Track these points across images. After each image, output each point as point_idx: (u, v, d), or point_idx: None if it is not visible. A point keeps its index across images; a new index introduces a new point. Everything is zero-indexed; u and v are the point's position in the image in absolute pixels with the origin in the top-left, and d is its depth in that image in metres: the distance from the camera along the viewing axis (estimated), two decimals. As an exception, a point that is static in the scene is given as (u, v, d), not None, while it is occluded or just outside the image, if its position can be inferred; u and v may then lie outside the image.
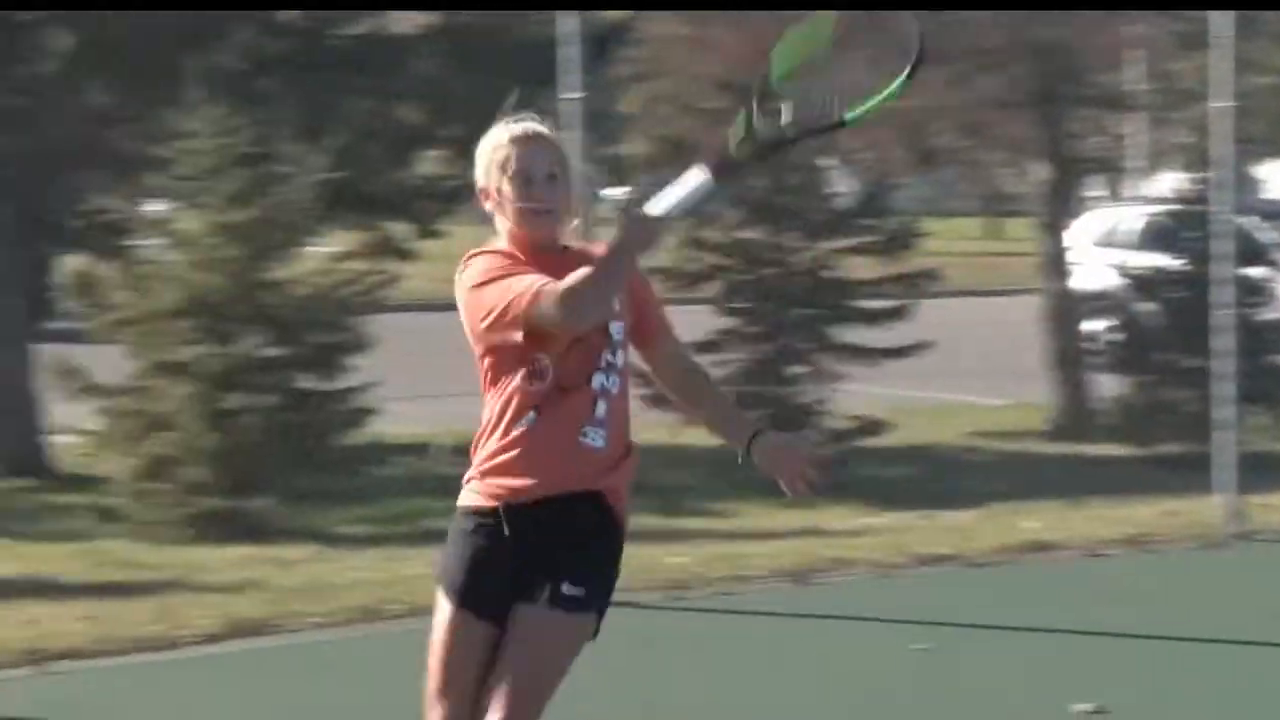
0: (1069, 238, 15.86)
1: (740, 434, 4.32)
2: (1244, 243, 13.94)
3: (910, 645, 7.65)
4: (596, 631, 4.19)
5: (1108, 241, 19.10)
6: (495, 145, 4.28)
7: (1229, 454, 10.20)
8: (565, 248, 4.28)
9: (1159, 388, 12.91)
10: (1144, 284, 13.69)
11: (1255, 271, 13.54)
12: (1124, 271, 14.19)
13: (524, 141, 4.26)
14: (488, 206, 4.29)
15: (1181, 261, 13.31)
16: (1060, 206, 15.25)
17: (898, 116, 15.22)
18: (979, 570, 9.28)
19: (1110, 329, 13.63)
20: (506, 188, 4.24)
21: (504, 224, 4.27)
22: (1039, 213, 15.13)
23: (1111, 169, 22.88)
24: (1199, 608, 8.58)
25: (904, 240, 14.17)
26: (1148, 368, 13.07)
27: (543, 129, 4.30)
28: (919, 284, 13.90)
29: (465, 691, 4.17)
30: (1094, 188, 27.10)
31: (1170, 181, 16.53)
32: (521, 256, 4.21)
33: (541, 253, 4.22)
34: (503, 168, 4.24)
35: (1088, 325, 14.69)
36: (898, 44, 4.10)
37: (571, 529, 4.17)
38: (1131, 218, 19.07)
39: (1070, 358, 14.28)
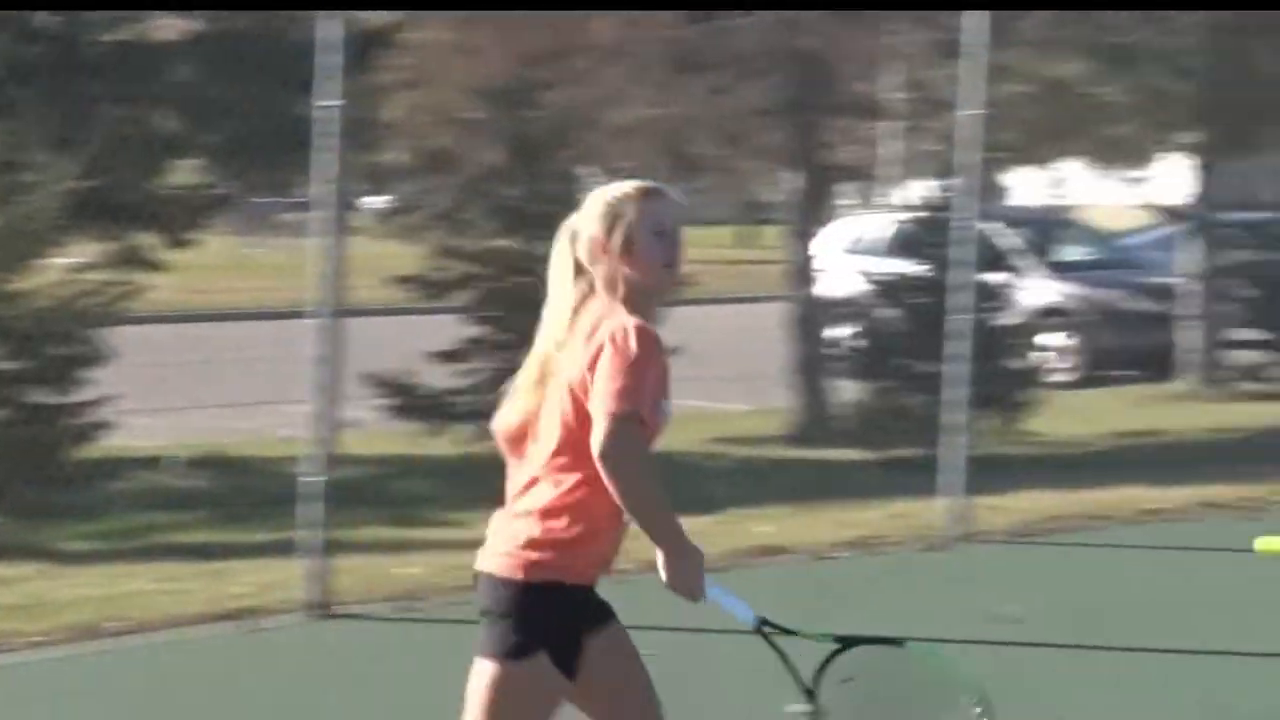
0: (817, 245, 16.14)
1: None
2: (986, 249, 14.33)
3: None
4: None
5: (856, 248, 19.49)
6: (634, 193, 4.27)
7: (957, 457, 10.47)
8: None
9: (896, 392, 13.18)
10: (887, 290, 13.97)
11: (994, 277, 13.86)
12: (869, 278, 14.45)
13: (659, 195, 4.30)
14: (611, 256, 4.22)
15: (924, 268, 13.59)
16: (811, 214, 15.49)
17: (658, 124, 15.42)
18: (709, 574, 9.37)
19: (853, 335, 13.89)
20: (640, 238, 4.22)
21: (623, 279, 4.23)
22: (791, 220, 15.35)
23: (864, 177, 23.27)
24: (917, 609, 8.81)
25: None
26: (886, 373, 13.34)
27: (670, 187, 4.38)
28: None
29: None
30: (846, 195, 27.56)
31: (919, 189, 16.87)
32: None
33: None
34: (639, 217, 4.23)
35: (832, 331, 14.94)
36: None
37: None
38: (880, 225, 19.46)
39: (812, 363, 14.53)
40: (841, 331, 14.70)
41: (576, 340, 4.21)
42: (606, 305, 4.24)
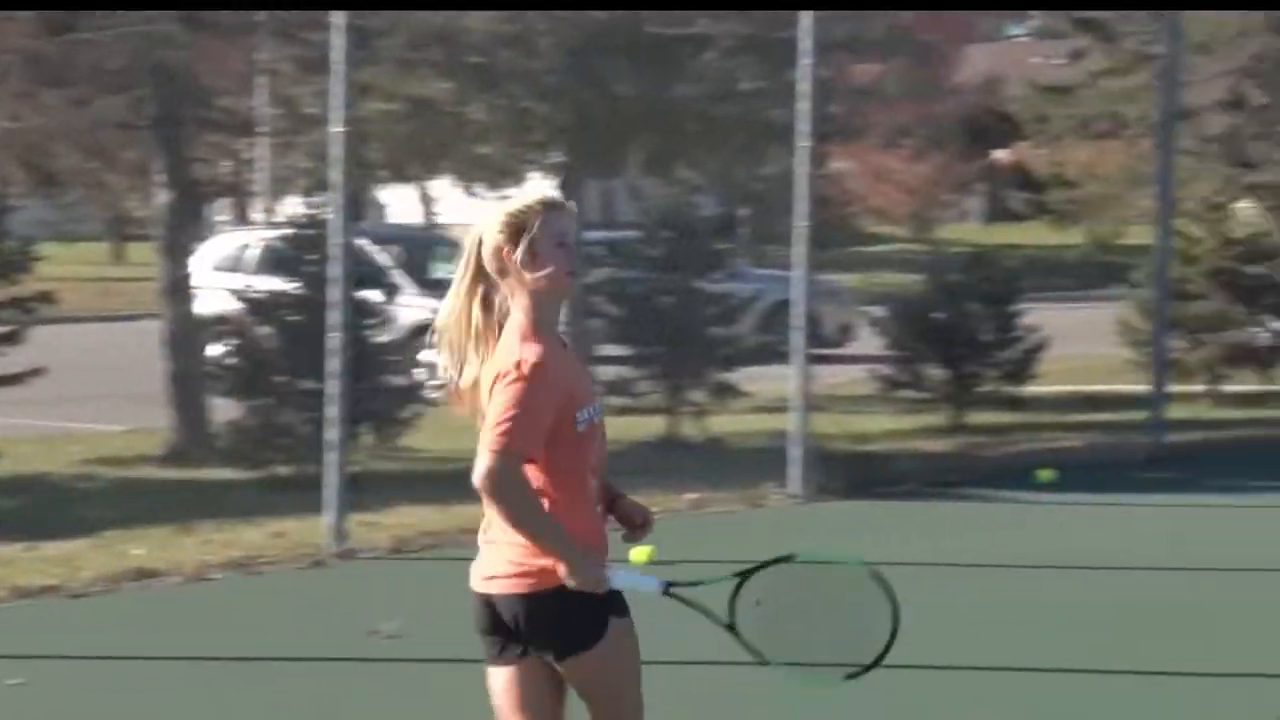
0: (192, 262, 15.87)
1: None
2: (361, 266, 14.35)
3: (4, 681, 7.49)
4: None
5: (232, 266, 19.26)
6: (536, 205, 4.62)
7: (334, 474, 10.45)
8: (562, 339, 4.65)
9: (275, 410, 13.07)
10: (262, 308, 13.84)
11: (370, 294, 13.88)
12: (243, 296, 14.29)
13: (558, 206, 4.66)
14: (514, 266, 4.53)
15: (298, 285, 13.50)
16: (182, 230, 15.20)
17: (16, 137, 14.87)
18: (82, 601, 9.15)
19: (229, 353, 13.71)
20: (543, 249, 4.56)
21: (520, 286, 4.56)
22: (162, 237, 15.04)
23: (238, 193, 23.06)
24: (297, 628, 8.74)
25: (20, 264, 13.86)
26: (265, 391, 13.21)
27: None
28: (34, 308, 13.63)
29: None
30: (222, 212, 27.26)
31: (293, 206, 16.79)
32: (557, 344, 4.56)
33: (555, 335, 4.59)
34: (541, 228, 4.57)
35: (211, 350, 14.72)
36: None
37: None
38: (254, 242, 19.27)
39: (189, 382, 14.29)
40: (219, 350, 14.47)
41: (489, 350, 4.58)
42: (510, 314, 4.58)
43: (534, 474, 4.53)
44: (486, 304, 4.63)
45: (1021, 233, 34.46)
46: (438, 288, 20.09)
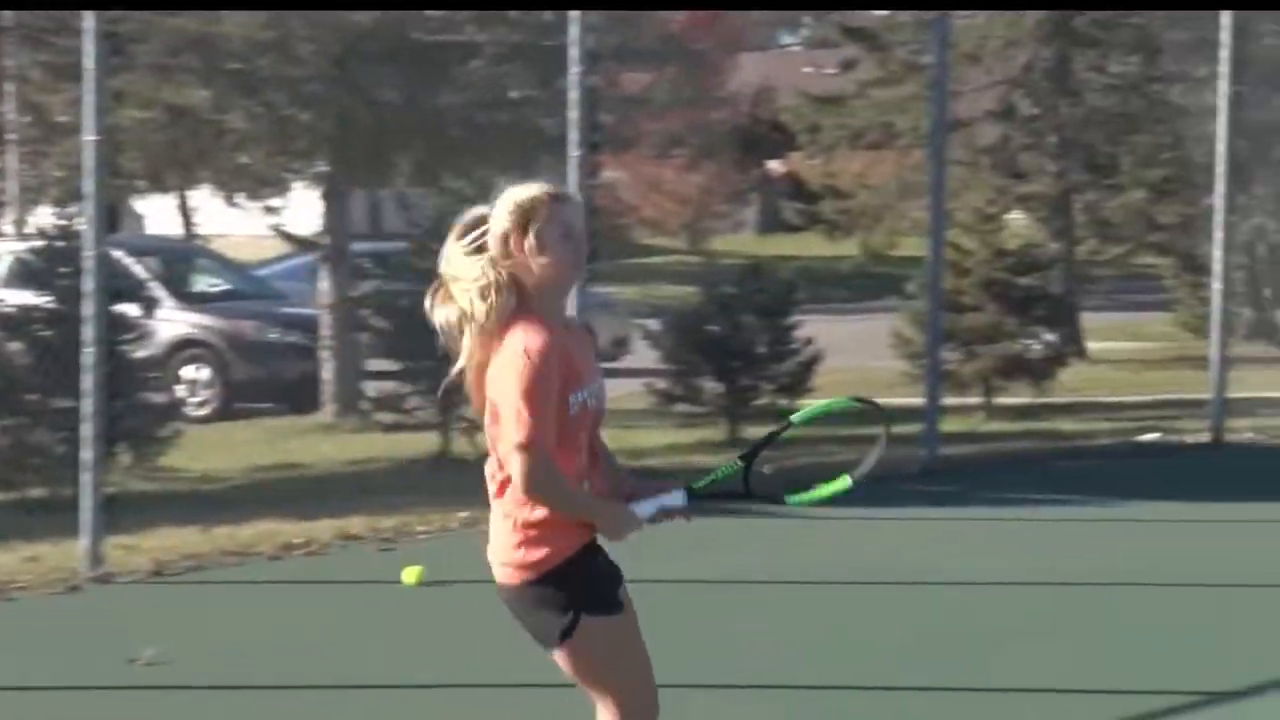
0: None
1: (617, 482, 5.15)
2: (118, 279, 14.09)
3: None
4: None
5: (-21, 278, 18.83)
6: (545, 195, 4.80)
7: (90, 496, 10.26)
8: (568, 324, 4.91)
9: (27, 430, 12.80)
10: (12, 323, 13.54)
11: (127, 308, 13.66)
12: (-9, 310, 13.96)
13: (566, 199, 4.86)
14: (521, 254, 4.75)
15: (50, 299, 13.23)
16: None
17: None
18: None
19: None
20: (550, 239, 4.76)
21: (530, 274, 4.77)
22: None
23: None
24: (54, 656, 8.56)
25: None
26: (16, 409, 12.92)
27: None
28: None
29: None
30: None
31: (44, 217, 16.45)
32: (559, 329, 4.77)
33: (559, 321, 4.83)
34: (549, 219, 4.76)
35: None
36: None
37: None
38: (3, 254, 18.87)
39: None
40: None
41: (492, 341, 4.75)
42: (515, 303, 4.75)
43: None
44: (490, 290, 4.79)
45: (796, 244, 34.87)
46: (198, 301, 19.87)
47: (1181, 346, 23.55)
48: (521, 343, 4.70)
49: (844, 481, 5.28)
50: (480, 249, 4.81)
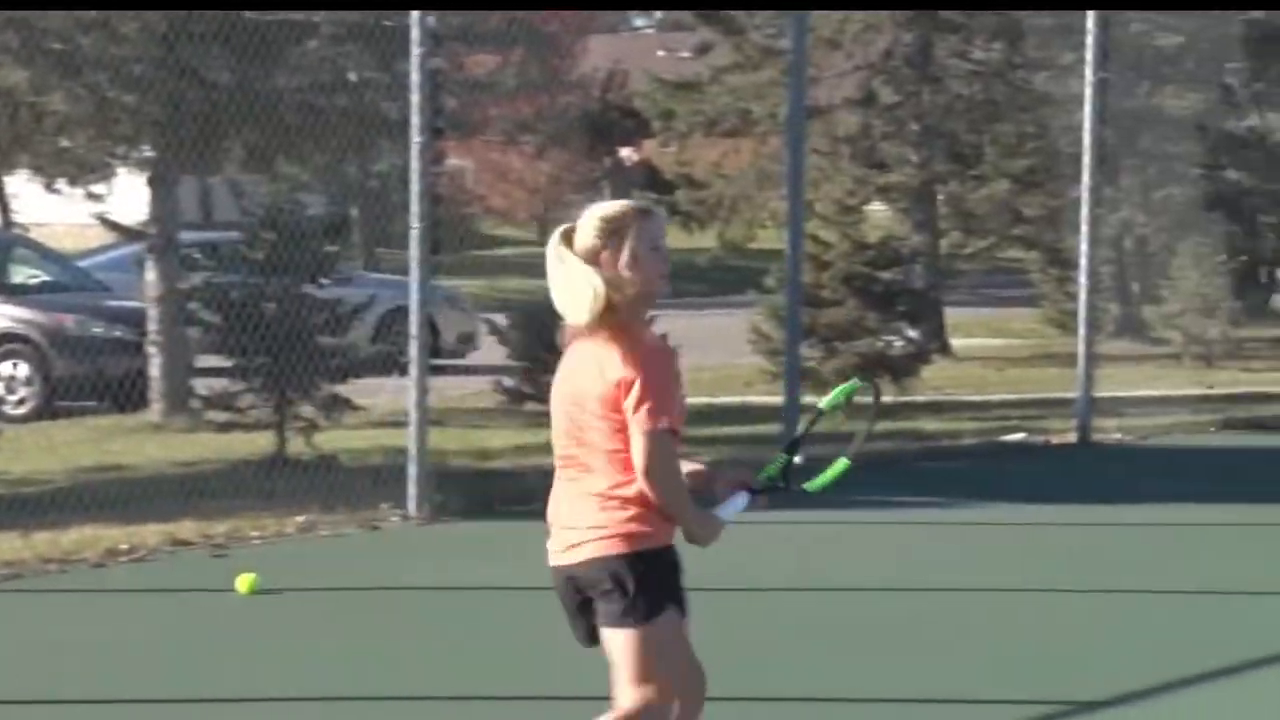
0: None
1: None
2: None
3: None
4: None
5: None
6: (633, 212, 5.39)
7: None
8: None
9: None
10: None
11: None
12: None
13: (652, 214, 5.44)
14: (612, 269, 5.29)
15: None
16: None
17: None
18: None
19: None
20: (642, 254, 5.33)
21: (625, 286, 5.31)
22: None
23: None
24: None
25: None
26: None
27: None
28: None
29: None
30: None
31: None
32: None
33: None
34: (638, 235, 5.33)
35: None
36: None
37: None
38: None
39: None
40: None
41: (593, 341, 5.34)
42: (608, 314, 5.29)
43: (619, 460, 5.31)
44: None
45: (649, 235, 34.95)
46: (16, 293, 19.59)
47: (1048, 343, 23.86)
48: (654, 341, 5.39)
49: (843, 463, 5.85)
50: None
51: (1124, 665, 8.59)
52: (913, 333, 19.22)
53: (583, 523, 5.39)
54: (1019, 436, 16.40)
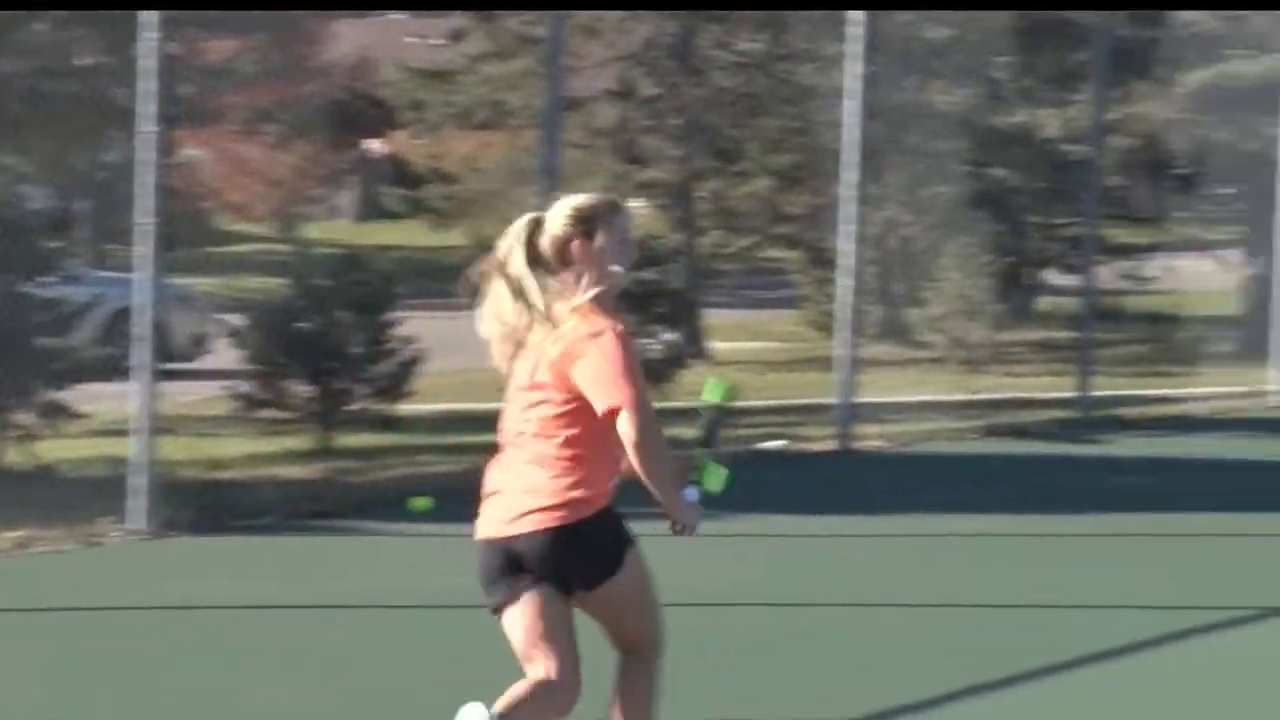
0: None
1: None
2: None
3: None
4: None
5: None
6: (605, 205, 6.05)
7: None
8: None
9: None
10: None
11: None
12: None
13: (621, 209, 6.10)
14: (583, 258, 6.00)
15: None
16: None
17: None
18: None
19: None
20: (610, 245, 6.00)
21: (592, 279, 6.00)
22: None
23: None
24: None
25: None
26: None
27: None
28: None
29: None
30: None
31: None
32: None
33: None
34: (609, 227, 6.00)
35: None
36: None
37: None
38: None
39: None
40: None
41: (549, 326, 5.97)
42: (570, 301, 5.97)
43: (582, 433, 5.93)
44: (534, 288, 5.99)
45: (398, 232, 34.73)
46: None
47: (809, 347, 24.09)
48: (606, 322, 5.92)
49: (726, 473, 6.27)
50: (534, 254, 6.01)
51: (890, 681, 8.70)
52: (670, 336, 19.32)
53: (540, 490, 5.96)
54: (778, 444, 16.55)
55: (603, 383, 5.88)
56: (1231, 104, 23.63)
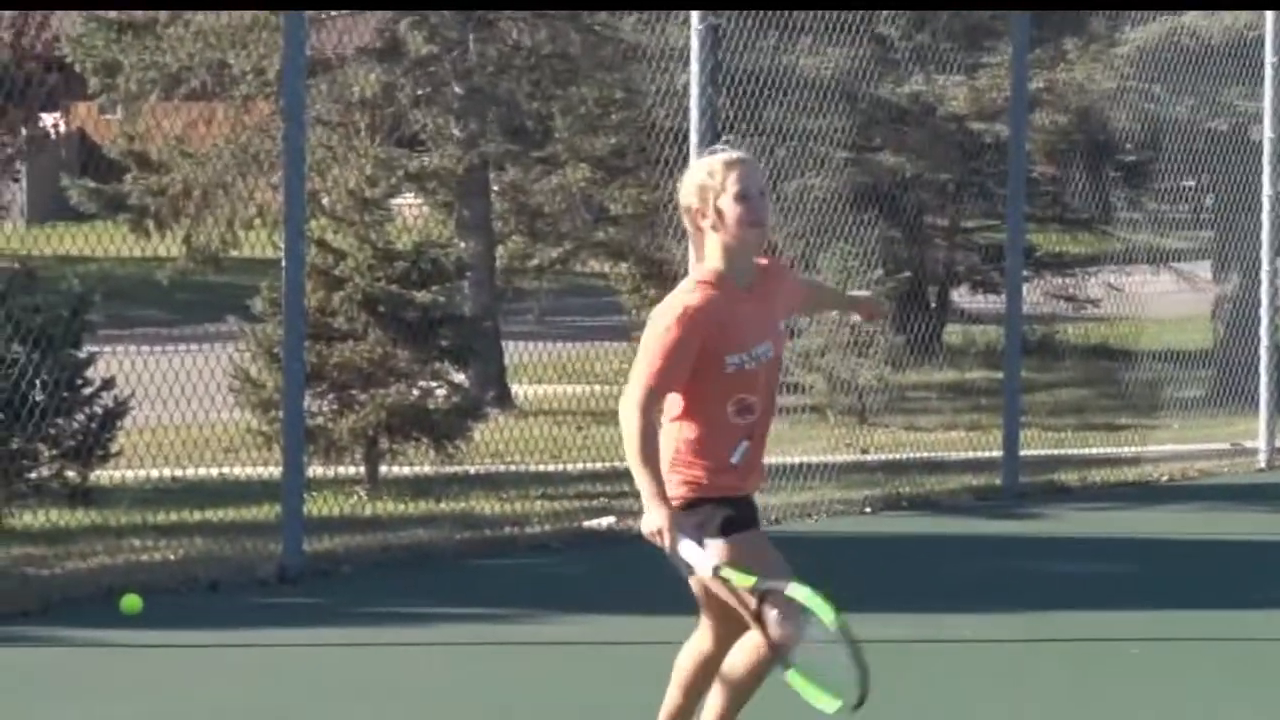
0: None
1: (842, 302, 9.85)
2: None
3: None
4: None
5: None
6: (710, 170, 8.08)
7: None
8: (750, 285, 8.17)
9: None
10: None
11: None
12: None
13: (739, 164, 8.07)
14: (704, 224, 8.09)
15: None
16: None
17: None
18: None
19: None
20: (726, 205, 8.02)
21: (717, 240, 8.09)
22: None
23: None
24: None
25: None
26: None
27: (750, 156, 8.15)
28: None
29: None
30: None
31: None
32: (717, 289, 8.07)
33: (742, 283, 8.14)
34: (722, 187, 8.03)
35: None
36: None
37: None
38: None
39: None
40: None
41: None
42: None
43: (676, 401, 8.06)
44: None
45: (89, 239, 34.41)
46: None
47: (643, 391, 24.09)
48: (666, 303, 8.09)
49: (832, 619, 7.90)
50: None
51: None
52: (460, 377, 19.34)
53: None
54: (607, 521, 16.63)
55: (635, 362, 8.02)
56: (1192, 69, 23.98)
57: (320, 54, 22.76)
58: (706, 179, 8.07)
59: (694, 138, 16.85)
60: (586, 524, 16.59)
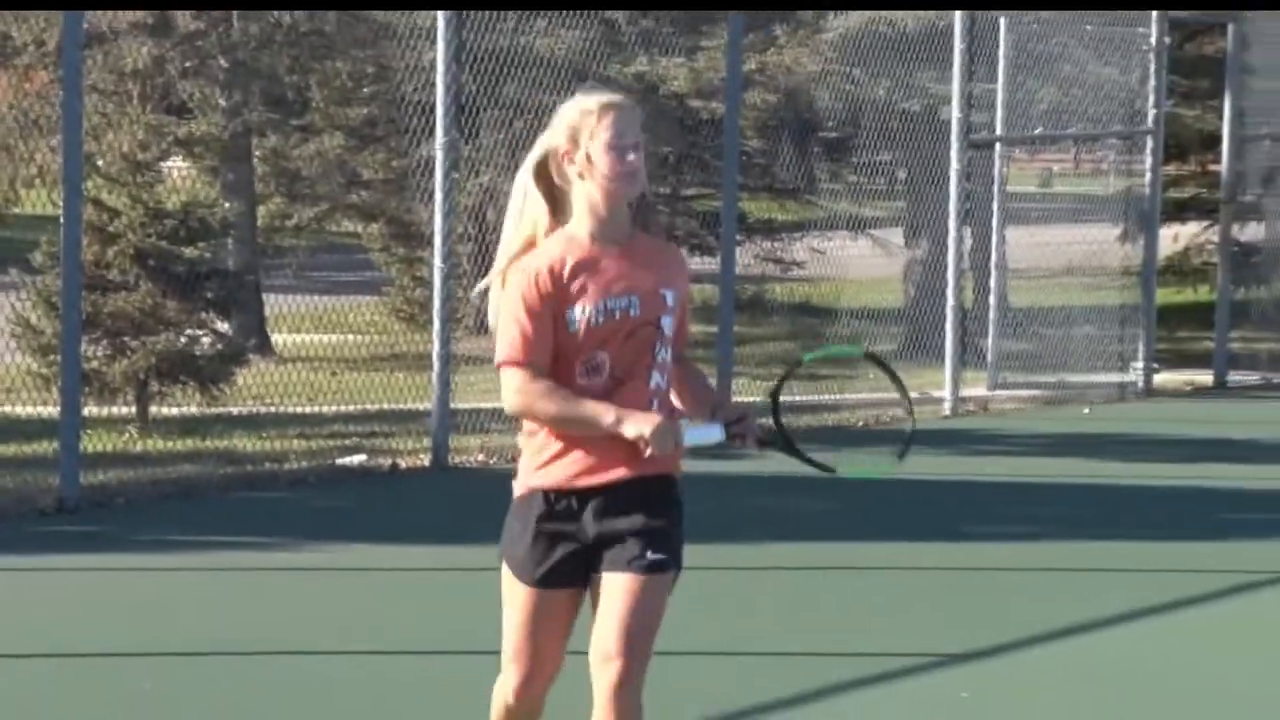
0: None
1: (705, 404, 7.01)
2: None
3: None
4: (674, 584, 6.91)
5: None
6: (585, 108, 6.65)
7: None
8: (631, 235, 6.76)
9: None
10: None
11: None
12: None
13: (615, 109, 6.64)
14: (570, 170, 6.66)
15: None
16: None
17: None
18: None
19: None
20: (597, 152, 6.62)
21: (585, 189, 6.66)
22: None
23: None
24: None
25: None
26: None
27: (628, 100, 6.69)
28: None
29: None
30: None
31: None
32: (587, 245, 6.67)
33: (609, 239, 6.69)
34: (593, 133, 6.62)
35: None
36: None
37: (646, 505, 6.80)
38: None
39: None
40: None
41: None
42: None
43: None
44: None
45: None
46: None
47: (394, 341, 24.18)
48: (520, 264, 6.65)
49: (888, 467, 7.40)
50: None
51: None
52: (224, 326, 19.30)
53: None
54: (359, 459, 16.68)
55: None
56: (889, 55, 24.23)
57: (96, 28, 22.57)
58: (579, 118, 6.61)
59: (440, 109, 16.91)
60: (340, 461, 16.64)
